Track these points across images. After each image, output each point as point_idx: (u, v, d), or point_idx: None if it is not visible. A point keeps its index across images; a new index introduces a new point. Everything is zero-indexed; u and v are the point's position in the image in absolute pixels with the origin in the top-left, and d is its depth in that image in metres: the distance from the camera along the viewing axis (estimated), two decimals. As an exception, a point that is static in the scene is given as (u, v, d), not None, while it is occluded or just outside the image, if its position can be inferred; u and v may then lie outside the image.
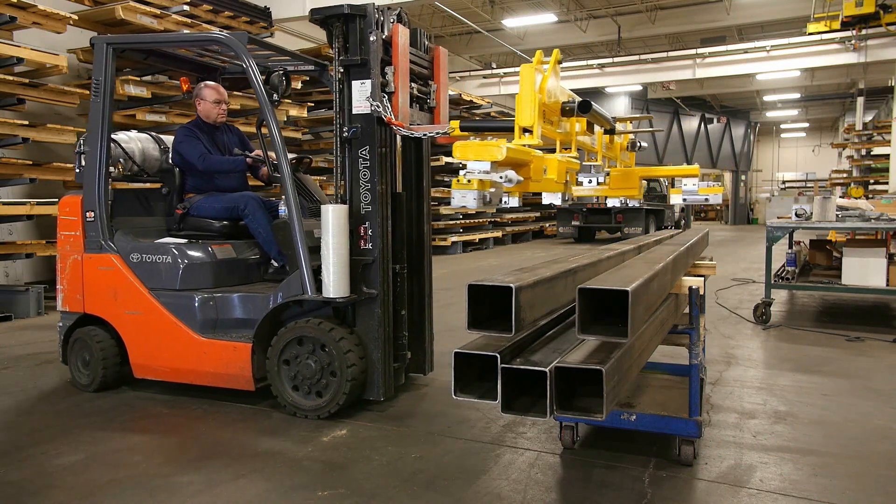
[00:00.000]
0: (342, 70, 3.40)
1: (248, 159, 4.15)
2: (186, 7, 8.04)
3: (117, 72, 7.62)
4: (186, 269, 3.80)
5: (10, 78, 6.50)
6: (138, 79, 7.52)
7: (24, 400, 3.78)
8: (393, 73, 3.39)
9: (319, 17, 3.39)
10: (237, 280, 4.02)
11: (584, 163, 3.16)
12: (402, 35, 3.43)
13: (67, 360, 4.00)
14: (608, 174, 3.18)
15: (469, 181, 1.80)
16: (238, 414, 3.49)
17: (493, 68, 18.82)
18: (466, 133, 3.06)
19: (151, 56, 4.44)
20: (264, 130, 3.72)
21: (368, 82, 3.35)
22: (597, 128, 3.05)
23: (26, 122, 6.59)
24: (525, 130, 2.09)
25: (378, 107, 3.29)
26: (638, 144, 3.54)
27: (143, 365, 3.86)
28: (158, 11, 7.53)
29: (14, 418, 3.46)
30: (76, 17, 7.05)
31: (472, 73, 18.94)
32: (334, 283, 3.31)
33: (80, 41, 8.03)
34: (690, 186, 2.96)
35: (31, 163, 6.64)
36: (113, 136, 4.11)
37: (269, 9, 9.64)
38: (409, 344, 3.85)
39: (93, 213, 3.92)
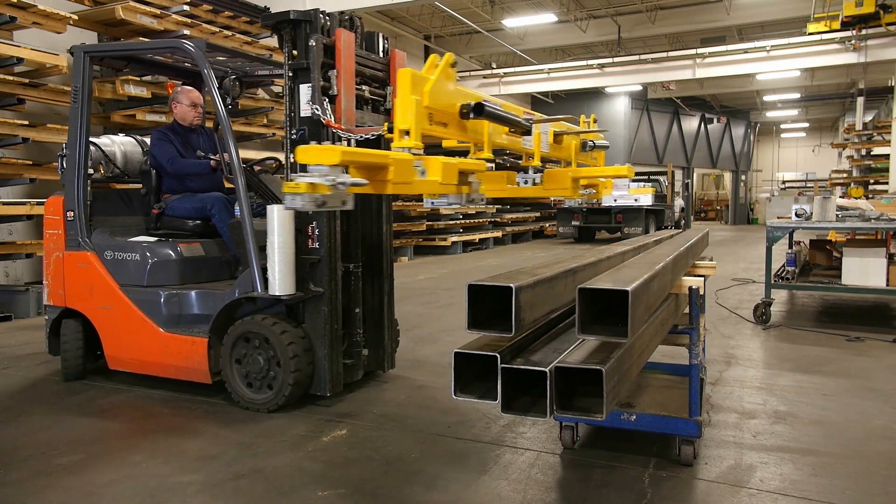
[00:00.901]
0: (291, 74, 3.48)
1: (211, 161, 4.23)
2: (186, 7, 8.04)
3: (117, 72, 7.70)
4: (153, 266, 3.99)
5: (10, 78, 6.50)
6: (138, 79, 7.52)
7: (24, 400, 3.78)
8: (336, 76, 3.43)
9: (269, 22, 3.50)
10: (206, 277, 4.17)
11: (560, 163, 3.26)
12: (346, 39, 3.46)
13: (54, 351, 4.23)
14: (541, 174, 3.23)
15: (297, 184, 1.84)
16: (238, 414, 3.49)
17: (493, 68, 18.82)
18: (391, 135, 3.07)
19: (132, 63, 4.64)
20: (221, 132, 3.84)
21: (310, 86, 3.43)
22: (537, 129, 3.06)
23: (26, 122, 6.59)
24: (405, 133, 2.13)
25: (317, 109, 3.34)
26: (590, 144, 3.58)
27: (116, 357, 4.05)
28: (158, 11, 7.53)
29: (14, 418, 3.46)
30: (76, 17, 7.05)
31: (472, 73, 18.94)
32: (279, 280, 3.43)
33: (80, 41, 8.03)
34: (621, 187, 2.96)
35: (31, 163, 6.64)
36: (95, 139, 4.35)
37: (268, 9, 9.64)
38: (367, 342, 3.95)
39: (72, 213, 4.12)
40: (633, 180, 18.14)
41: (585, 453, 2.93)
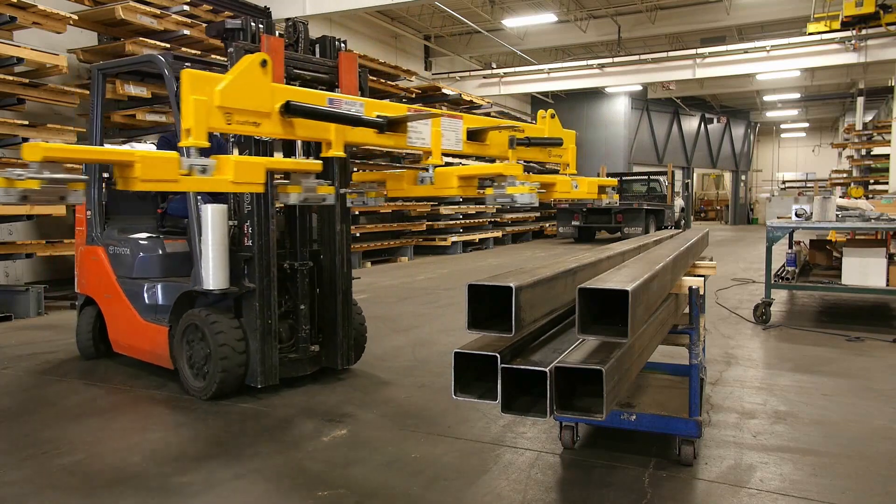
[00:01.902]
0: None
1: None
2: (186, 7, 8.04)
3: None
4: (139, 260, 4.35)
5: (10, 78, 6.50)
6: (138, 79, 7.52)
7: (25, 400, 3.78)
8: None
9: (212, 33, 3.72)
10: (188, 272, 4.30)
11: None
12: (270, 44, 3.50)
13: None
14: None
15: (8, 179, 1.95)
16: (238, 414, 3.49)
17: (493, 68, 18.82)
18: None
19: (146, 76, 5.20)
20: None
21: None
22: (436, 126, 3.05)
23: (26, 122, 6.59)
24: (188, 132, 2.20)
25: None
26: (525, 141, 3.56)
27: (115, 341, 4.51)
28: (158, 11, 7.53)
29: (14, 418, 3.46)
30: (76, 17, 7.05)
31: (472, 73, 18.94)
32: (213, 275, 3.64)
33: (80, 41, 8.05)
34: (500, 185, 2.96)
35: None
36: (112, 146, 4.80)
37: (268, 9, 9.64)
38: (319, 338, 4.10)
39: (90, 212, 4.58)
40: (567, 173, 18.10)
41: (585, 453, 2.93)
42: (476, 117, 3.42)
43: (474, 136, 3.29)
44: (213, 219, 3.68)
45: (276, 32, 3.80)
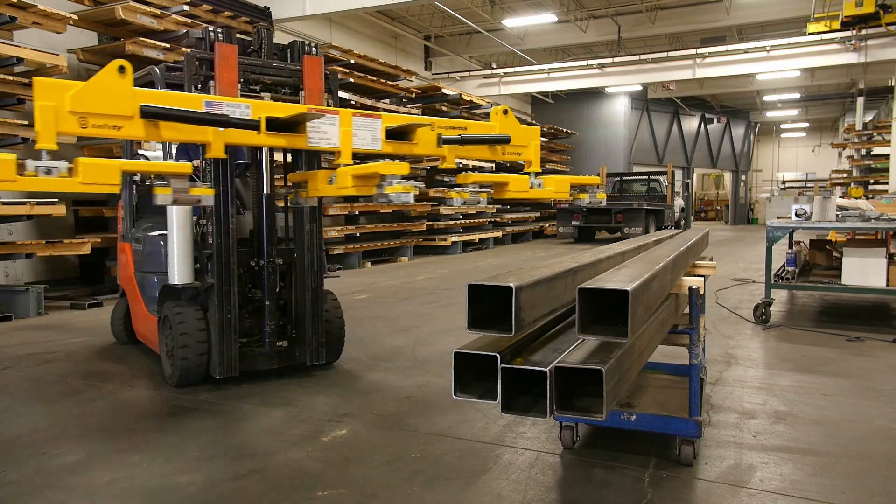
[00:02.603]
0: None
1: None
2: (186, 7, 8.05)
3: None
4: (146, 255, 4.63)
5: (10, 78, 6.50)
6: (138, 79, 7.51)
7: (24, 400, 3.78)
8: (213, 86, 3.74)
9: (184, 43, 4.13)
10: None
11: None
12: (222, 52, 3.72)
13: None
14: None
15: None
16: (238, 414, 3.49)
17: (493, 68, 18.82)
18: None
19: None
20: None
21: None
22: (345, 125, 3.13)
23: (26, 123, 6.59)
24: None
25: None
26: (441, 139, 3.58)
27: (136, 330, 4.96)
28: (158, 11, 7.53)
29: (14, 418, 3.46)
30: (76, 17, 7.05)
31: (472, 73, 18.94)
32: (177, 271, 3.91)
33: (80, 41, 8.05)
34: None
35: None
36: (142, 151, 5.28)
37: (268, 9, 9.65)
38: (289, 335, 4.23)
39: (123, 211, 5.04)
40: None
41: (585, 453, 2.93)
42: (399, 116, 3.44)
43: (402, 134, 3.32)
44: (177, 218, 3.91)
45: (235, 39, 3.86)
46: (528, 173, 3.62)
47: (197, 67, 3.77)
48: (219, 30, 3.81)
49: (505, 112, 3.60)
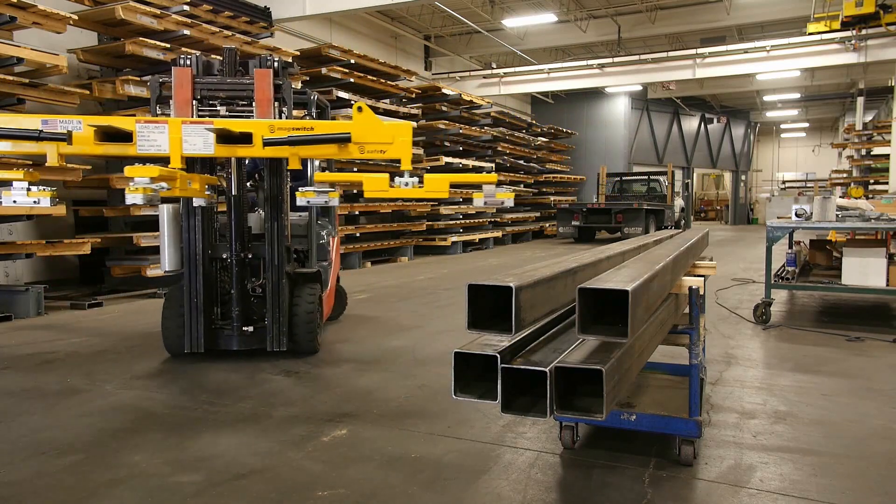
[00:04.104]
0: None
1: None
2: (186, 7, 8.04)
3: (117, 72, 7.75)
4: None
5: (10, 78, 6.50)
6: (138, 78, 7.52)
7: (24, 400, 3.78)
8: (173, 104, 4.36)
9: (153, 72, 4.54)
10: None
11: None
12: (177, 74, 4.35)
13: None
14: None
15: None
16: (238, 414, 3.49)
17: (493, 68, 18.83)
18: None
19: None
20: None
21: None
22: (186, 130, 3.53)
23: (26, 122, 6.58)
24: None
25: None
26: (264, 140, 3.87)
27: None
28: (158, 11, 7.53)
29: (14, 418, 3.46)
30: (76, 17, 7.05)
31: (472, 73, 18.95)
32: (167, 260, 4.51)
33: (80, 41, 8.05)
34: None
35: (30, 163, 6.64)
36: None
37: (268, 9, 9.64)
38: (255, 322, 4.65)
39: None
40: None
41: (585, 453, 2.93)
42: (231, 121, 3.68)
43: (246, 138, 3.58)
44: (166, 216, 4.48)
45: (192, 62, 4.46)
46: (403, 172, 3.59)
47: (159, 88, 4.57)
48: (199, 55, 4.53)
49: (360, 110, 3.55)
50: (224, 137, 3.55)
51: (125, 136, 3.47)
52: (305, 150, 3.64)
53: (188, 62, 4.40)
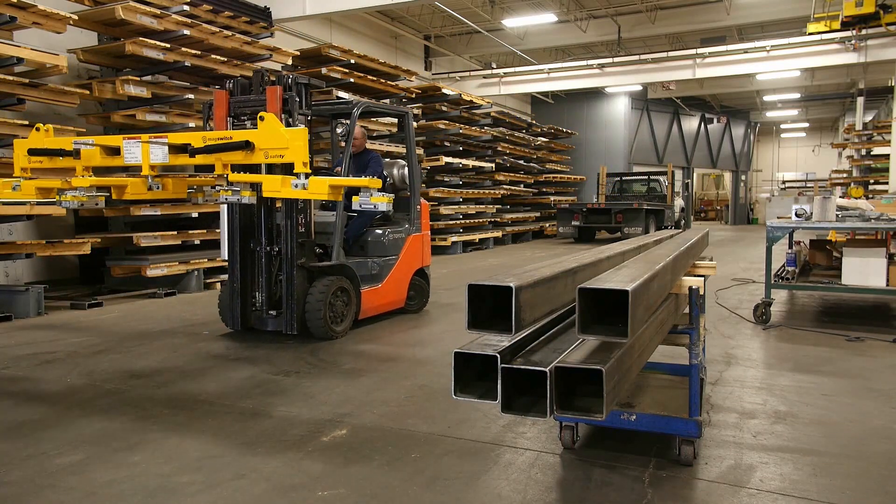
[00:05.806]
0: None
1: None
2: (186, 7, 8.04)
3: (117, 72, 7.72)
4: None
5: (10, 78, 6.50)
6: (138, 79, 7.52)
7: (24, 400, 3.78)
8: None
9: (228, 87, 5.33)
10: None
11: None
12: (217, 96, 5.08)
13: None
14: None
15: None
16: (238, 414, 3.49)
17: (493, 68, 18.82)
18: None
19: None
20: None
21: None
22: (151, 145, 4.14)
23: (26, 122, 6.58)
24: None
25: None
26: (191, 150, 4.21)
27: None
28: (158, 11, 7.53)
29: (14, 419, 3.46)
30: (76, 17, 7.05)
31: (472, 73, 18.94)
32: (223, 249, 5.28)
33: (80, 41, 8.05)
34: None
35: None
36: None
37: (268, 9, 9.64)
38: (273, 308, 5.24)
39: None
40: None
41: (585, 453, 2.93)
42: (178, 134, 4.26)
43: (184, 148, 4.09)
44: (223, 214, 5.23)
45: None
46: (298, 174, 3.96)
47: (209, 110, 5.19)
48: (239, 77, 5.27)
49: (261, 118, 4.01)
50: (174, 148, 4.13)
51: (116, 151, 4.27)
52: (225, 156, 4.04)
53: (229, 85, 5.15)
